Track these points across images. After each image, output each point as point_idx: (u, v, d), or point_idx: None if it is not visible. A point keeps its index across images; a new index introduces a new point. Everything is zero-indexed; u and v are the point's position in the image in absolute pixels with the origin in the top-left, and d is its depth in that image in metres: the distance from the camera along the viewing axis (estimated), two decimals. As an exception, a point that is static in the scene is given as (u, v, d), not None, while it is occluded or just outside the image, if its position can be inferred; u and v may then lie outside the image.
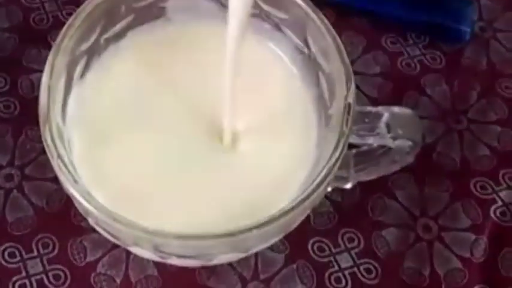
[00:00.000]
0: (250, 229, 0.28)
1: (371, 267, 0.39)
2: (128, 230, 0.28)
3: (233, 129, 0.35)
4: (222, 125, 0.35)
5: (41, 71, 0.43)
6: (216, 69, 0.35)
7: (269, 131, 0.36)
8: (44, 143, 0.31)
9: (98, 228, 0.31)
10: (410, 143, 0.34)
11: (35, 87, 0.44)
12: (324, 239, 0.40)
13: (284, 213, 0.29)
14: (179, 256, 0.31)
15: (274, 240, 0.32)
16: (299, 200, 0.30)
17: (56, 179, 0.32)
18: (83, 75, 0.36)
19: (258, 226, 0.28)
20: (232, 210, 0.32)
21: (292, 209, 0.29)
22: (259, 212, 0.30)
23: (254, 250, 0.32)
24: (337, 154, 0.31)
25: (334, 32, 0.34)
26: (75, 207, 0.32)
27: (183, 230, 0.29)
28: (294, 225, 0.32)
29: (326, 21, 0.34)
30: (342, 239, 0.40)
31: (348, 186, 0.38)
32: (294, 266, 0.39)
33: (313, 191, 0.30)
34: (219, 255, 0.31)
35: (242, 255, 0.32)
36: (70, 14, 0.45)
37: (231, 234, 0.28)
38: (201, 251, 0.30)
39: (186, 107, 0.36)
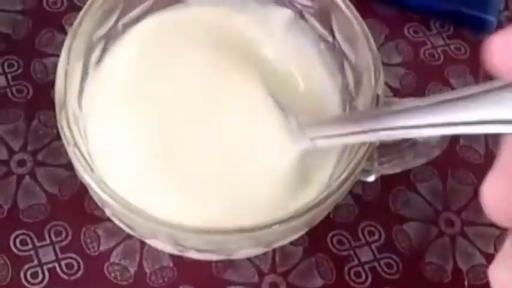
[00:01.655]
0: (273, 224, 0.27)
1: (392, 261, 0.38)
2: (147, 223, 0.27)
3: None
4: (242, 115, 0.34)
5: (55, 55, 0.43)
6: (236, 53, 0.34)
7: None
8: (60, 130, 0.30)
9: (114, 219, 0.31)
10: (437, 137, 0.33)
11: (48, 71, 0.43)
12: (343, 232, 0.39)
13: (309, 208, 0.28)
14: (198, 250, 0.30)
15: (297, 235, 0.31)
16: (324, 195, 0.29)
17: (69, 166, 0.31)
18: (100, 60, 0.35)
19: (282, 221, 0.27)
20: (255, 204, 0.31)
21: (318, 204, 0.28)
22: (282, 206, 0.29)
23: (276, 245, 0.31)
24: (364, 148, 0.29)
25: (361, 20, 0.33)
26: (89, 195, 0.31)
27: (201, 222, 0.28)
28: (318, 220, 0.31)
29: (353, 8, 0.33)
30: (362, 232, 0.39)
31: (371, 179, 0.37)
32: (313, 259, 0.38)
33: (339, 186, 0.29)
34: (240, 250, 0.30)
35: (263, 250, 0.32)
36: (85, -3, 0.45)
37: (253, 229, 0.27)
38: (221, 246, 0.29)
39: (204, 93, 0.35)
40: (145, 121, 0.34)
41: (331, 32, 0.35)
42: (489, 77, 0.44)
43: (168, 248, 0.31)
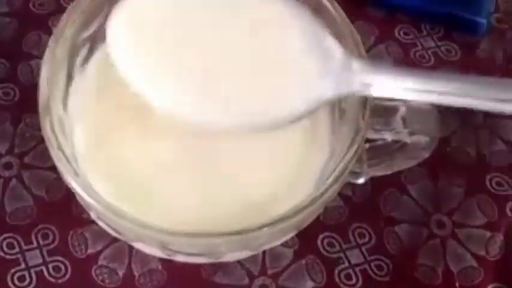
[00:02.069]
0: (262, 227, 0.27)
1: (382, 264, 0.38)
2: (133, 227, 0.27)
3: None
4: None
5: (41, 57, 0.42)
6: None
7: None
8: (44, 134, 0.30)
9: (100, 223, 0.30)
10: (427, 138, 0.33)
11: (34, 73, 0.43)
12: (334, 234, 0.39)
13: (298, 211, 0.28)
14: (186, 253, 0.29)
15: (286, 238, 0.31)
16: (313, 197, 0.28)
17: (56, 168, 0.31)
18: (85, 63, 0.34)
19: (270, 224, 0.27)
20: (242, 206, 0.31)
21: (306, 207, 0.28)
22: (270, 209, 0.29)
23: (265, 248, 0.31)
24: (353, 150, 0.29)
25: (350, 23, 0.33)
26: (76, 197, 0.31)
27: (189, 226, 0.27)
28: (307, 223, 0.31)
29: (341, 11, 0.33)
30: (353, 234, 0.39)
31: (361, 181, 0.37)
32: (303, 261, 0.38)
33: (328, 188, 0.28)
34: (228, 253, 0.30)
35: (252, 252, 0.31)
36: (72, -1, 0.45)
37: (242, 232, 0.27)
38: (209, 249, 0.29)
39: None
40: (133, 122, 0.33)
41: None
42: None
43: (156, 252, 0.31)
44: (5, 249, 0.37)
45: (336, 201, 0.39)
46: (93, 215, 0.30)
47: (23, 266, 0.36)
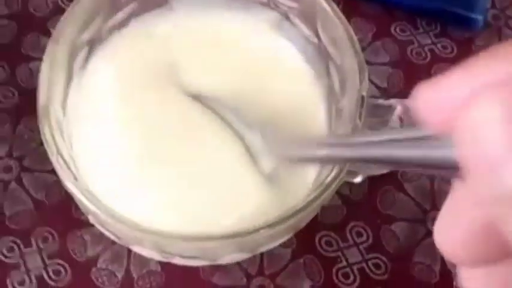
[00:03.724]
0: (258, 230, 0.27)
1: (380, 262, 0.38)
2: (131, 231, 0.27)
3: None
4: (226, 116, 0.34)
5: (40, 59, 0.42)
6: (221, 59, 0.34)
7: (275, 124, 0.35)
8: (43, 138, 0.30)
9: (98, 226, 0.30)
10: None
11: (34, 75, 0.43)
12: (331, 233, 0.39)
13: (295, 212, 0.28)
14: (183, 256, 0.30)
15: (283, 239, 0.31)
16: (310, 199, 0.28)
17: (55, 171, 0.31)
18: (84, 65, 0.34)
19: (267, 227, 0.27)
20: (238, 207, 0.31)
21: (304, 208, 0.28)
22: (267, 210, 0.29)
23: (261, 250, 0.31)
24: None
25: (346, 22, 0.33)
26: (75, 201, 0.31)
27: (184, 228, 0.28)
28: (304, 224, 0.31)
29: (338, 10, 0.33)
30: (350, 233, 0.39)
31: (358, 180, 0.37)
32: (301, 261, 0.38)
33: (325, 189, 0.29)
34: (225, 256, 0.30)
35: (249, 255, 0.31)
36: (70, 1, 0.44)
37: (238, 235, 0.27)
38: (206, 252, 0.29)
39: (188, 99, 0.35)
40: (130, 127, 0.34)
41: (317, 33, 0.35)
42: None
43: (153, 255, 0.31)
44: (5, 252, 0.37)
45: (333, 200, 0.39)
46: (91, 219, 0.30)
47: (23, 269, 0.37)
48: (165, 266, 0.37)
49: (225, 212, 0.31)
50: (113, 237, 0.30)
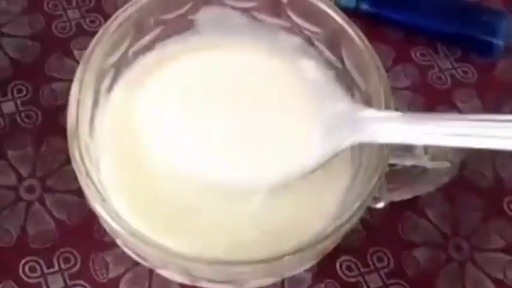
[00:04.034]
0: (286, 255, 0.27)
1: (401, 288, 0.38)
2: (159, 254, 0.27)
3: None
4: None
5: (63, 80, 0.43)
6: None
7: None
8: (72, 160, 0.30)
9: (126, 250, 0.30)
10: (448, 164, 0.33)
11: (57, 96, 0.43)
12: (352, 258, 0.39)
13: (321, 239, 0.28)
14: (210, 280, 0.30)
15: (309, 265, 0.31)
16: (336, 226, 0.28)
17: (77, 192, 0.31)
18: (110, 88, 0.35)
19: (294, 252, 0.27)
20: (264, 234, 0.31)
21: (330, 235, 0.28)
22: (293, 236, 0.29)
23: (288, 275, 0.31)
24: (375, 178, 0.29)
25: (371, 48, 0.33)
26: (97, 221, 0.31)
27: (212, 252, 0.28)
28: (329, 250, 0.31)
29: (363, 36, 0.33)
30: (371, 258, 0.39)
31: (380, 206, 0.37)
32: (322, 285, 0.38)
33: (351, 217, 0.29)
34: (251, 281, 0.30)
35: (275, 280, 0.31)
36: (93, 22, 0.45)
37: (266, 261, 0.27)
38: (234, 277, 0.29)
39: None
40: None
41: (341, 59, 0.35)
42: (496, 101, 0.44)
43: (179, 278, 0.31)
44: (28, 272, 0.37)
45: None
46: (119, 242, 0.30)
47: (45, 289, 0.37)
48: (187, 288, 0.37)
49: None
50: (139, 260, 0.30)
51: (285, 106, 0.34)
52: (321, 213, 0.32)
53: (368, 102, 0.33)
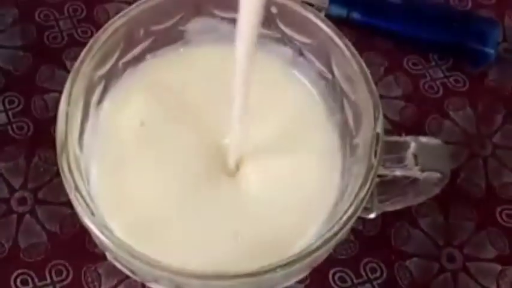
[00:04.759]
0: (275, 268, 0.27)
1: (394, 298, 0.38)
2: (148, 268, 0.27)
3: (246, 156, 0.34)
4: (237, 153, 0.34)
5: (55, 91, 0.43)
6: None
7: (288, 158, 0.35)
8: (61, 173, 0.30)
9: (115, 263, 0.30)
10: (438, 174, 0.33)
11: (48, 107, 0.43)
12: (345, 269, 0.39)
13: (311, 251, 0.28)
14: (200, 294, 0.29)
15: (299, 277, 0.31)
16: (326, 237, 0.28)
17: (69, 204, 0.31)
18: (100, 100, 0.34)
19: (284, 265, 0.27)
20: (253, 244, 0.31)
21: (320, 247, 0.28)
22: (282, 248, 0.29)
23: (279, 287, 0.31)
24: (365, 189, 0.29)
25: (360, 59, 0.33)
26: (89, 233, 0.31)
27: (202, 265, 0.28)
28: (320, 261, 0.31)
29: (352, 47, 0.33)
30: (364, 269, 0.39)
31: (372, 216, 0.37)
32: (315, 296, 0.38)
33: (341, 228, 0.28)
34: (241, 293, 0.30)
35: (265, 293, 0.31)
36: (85, 33, 0.45)
37: (255, 274, 0.27)
38: (224, 291, 0.29)
39: (205, 135, 0.35)
40: (146, 160, 0.34)
41: (330, 69, 0.35)
42: (487, 110, 0.44)
43: (169, 291, 0.31)
44: (19, 285, 0.37)
45: (347, 235, 0.39)
46: (108, 256, 0.30)
47: (36, 302, 0.37)
48: (179, 301, 0.37)
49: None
50: (129, 274, 0.30)
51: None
52: (311, 223, 0.32)
53: (357, 112, 0.33)
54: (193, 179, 0.33)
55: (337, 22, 0.35)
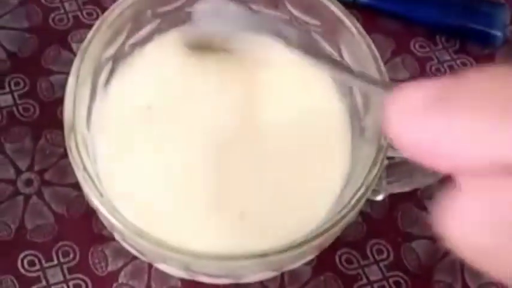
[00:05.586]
0: (285, 249, 0.27)
1: (400, 280, 0.38)
2: (157, 249, 0.27)
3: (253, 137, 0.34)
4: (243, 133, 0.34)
5: (61, 73, 0.43)
6: (242, 74, 0.34)
7: (299, 138, 0.35)
8: (69, 153, 0.30)
9: (124, 244, 0.30)
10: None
11: (54, 89, 0.43)
12: (352, 251, 0.39)
13: (320, 233, 0.28)
14: (209, 275, 0.29)
15: (308, 259, 0.31)
16: (335, 219, 0.28)
17: (76, 185, 0.31)
18: (107, 81, 0.34)
19: (294, 247, 0.27)
20: (260, 225, 0.31)
21: (329, 228, 0.28)
22: (292, 228, 0.29)
23: (286, 269, 0.31)
24: (375, 170, 0.29)
25: (369, 40, 0.33)
26: (96, 215, 0.31)
27: (210, 245, 0.28)
28: (329, 243, 0.31)
29: (361, 28, 0.33)
30: (371, 250, 0.39)
31: (379, 198, 0.37)
32: (322, 278, 0.38)
33: (350, 210, 0.28)
34: (250, 275, 0.30)
35: (274, 273, 0.31)
36: (90, 14, 0.45)
37: (265, 255, 0.27)
38: (232, 271, 0.29)
39: (212, 115, 0.35)
40: (153, 141, 0.34)
41: (339, 51, 0.35)
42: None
43: (178, 273, 0.31)
44: (26, 266, 0.37)
45: (355, 217, 0.39)
46: (117, 236, 0.30)
47: (44, 283, 0.37)
48: (186, 282, 0.37)
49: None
50: (137, 254, 0.30)
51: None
52: (320, 206, 0.32)
53: (366, 94, 0.33)
54: (199, 161, 0.33)
55: (345, 4, 0.35)
